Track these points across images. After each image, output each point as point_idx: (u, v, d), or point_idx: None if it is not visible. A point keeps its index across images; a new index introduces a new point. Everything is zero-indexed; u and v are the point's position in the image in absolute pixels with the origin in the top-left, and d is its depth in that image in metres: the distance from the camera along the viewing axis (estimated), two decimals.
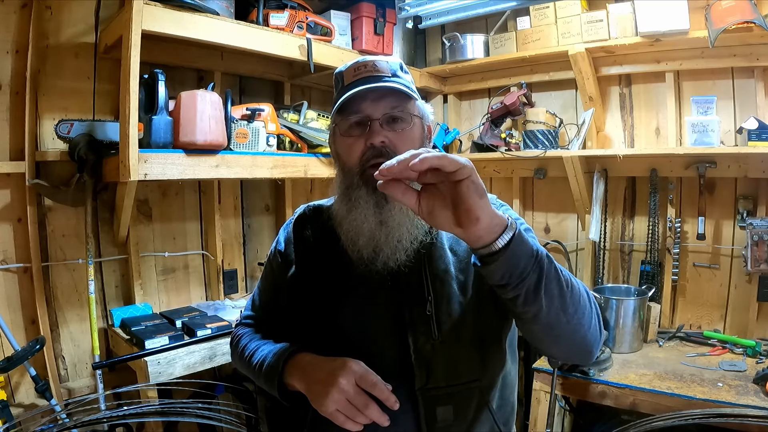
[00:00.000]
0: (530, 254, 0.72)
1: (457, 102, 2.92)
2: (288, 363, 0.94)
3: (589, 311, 0.82)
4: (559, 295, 0.75)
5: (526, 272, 0.71)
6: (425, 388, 0.89)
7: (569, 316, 0.77)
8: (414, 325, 0.91)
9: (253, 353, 1.03)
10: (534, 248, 0.73)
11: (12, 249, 1.85)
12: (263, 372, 0.98)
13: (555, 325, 0.78)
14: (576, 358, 0.91)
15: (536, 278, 0.72)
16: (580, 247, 2.51)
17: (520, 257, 0.70)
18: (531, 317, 0.76)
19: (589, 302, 0.83)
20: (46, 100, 1.89)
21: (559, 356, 0.96)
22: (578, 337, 0.81)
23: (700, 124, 2.02)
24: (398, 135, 0.92)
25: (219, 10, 1.86)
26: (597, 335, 0.84)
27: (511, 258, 0.70)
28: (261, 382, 1.00)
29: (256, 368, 1.00)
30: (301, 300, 1.00)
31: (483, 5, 2.32)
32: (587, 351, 0.85)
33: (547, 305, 0.74)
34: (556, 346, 0.85)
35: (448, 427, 0.90)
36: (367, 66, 0.95)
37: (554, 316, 0.76)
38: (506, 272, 0.71)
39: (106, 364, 1.86)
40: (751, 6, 1.78)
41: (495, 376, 0.96)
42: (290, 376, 0.93)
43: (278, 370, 0.93)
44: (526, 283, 0.71)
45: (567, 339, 0.81)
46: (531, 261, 0.72)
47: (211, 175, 1.85)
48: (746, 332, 2.04)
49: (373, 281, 0.93)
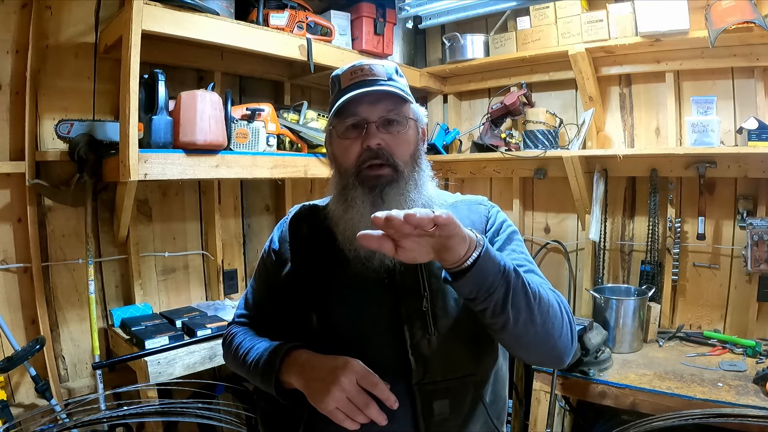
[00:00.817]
0: (497, 270, 0.77)
1: (457, 102, 2.92)
2: (285, 360, 0.93)
3: (560, 321, 0.87)
4: (527, 308, 0.80)
5: (494, 287, 0.76)
6: (422, 382, 0.91)
7: (537, 326, 0.83)
8: (411, 321, 0.92)
9: (248, 352, 1.02)
10: (501, 264, 0.78)
11: (12, 249, 1.85)
12: (259, 370, 0.97)
13: (523, 335, 0.83)
14: (547, 363, 0.98)
15: (503, 292, 0.77)
16: (580, 247, 2.51)
17: (487, 273, 0.76)
18: (499, 328, 0.82)
19: (560, 312, 0.88)
20: (46, 100, 1.89)
21: (531, 361, 1.03)
22: (548, 345, 0.87)
23: (700, 124, 2.02)
24: (394, 137, 0.95)
25: (219, 10, 1.86)
26: (568, 344, 0.90)
27: (478, 275, 0.75)
28: (257, 380, 0.99)
29: (251, 366, 0.99)
30: (298, 298, 1.00)
31: (483, 5, 2.32)
32: (558, 358, 0.91)
33: (514, 317, 0.79)
34: (526, 353, 0.91)
35: (444, 421, 0.91)
36: (364, 70, 0.97)
37: (522, 327, 0.81)
38: (474, 287, 0.76)
39: (106, 364, 1.86)
40: (751, 6, 1.78)
41: (488, 370, 0.99)
42: (287, 374, 0.92)
43: (275, 367, 0.93)
44: (494, 297, 0.77)
45: (537, 347, 0.87)
46: (498, 276, 0.77)
47: (211, 175, 1.85)
48: (746, 332, 2.04)
49: (369, 279, 0.94)
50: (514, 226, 1.05)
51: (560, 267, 2.59)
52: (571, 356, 0.94)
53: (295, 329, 1.00)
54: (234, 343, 1.09)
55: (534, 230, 2.69)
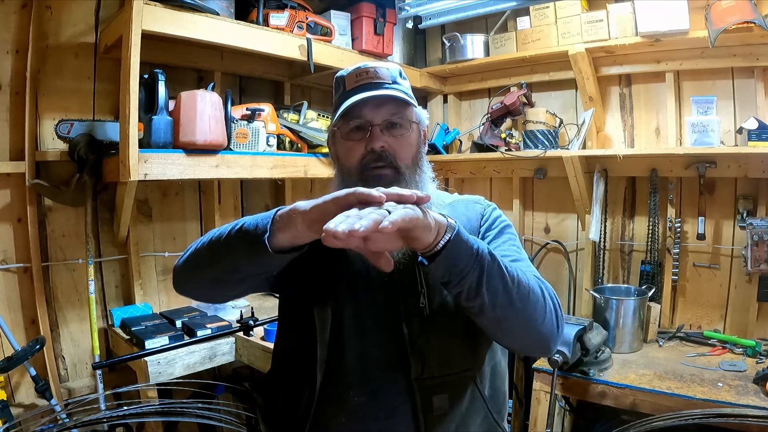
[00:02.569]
0: (469, 254, 0.77)
1: (457, 102, 2.92)
2: (278, 213, 0.82)
3: (542, 306, 0.87)
4: (504, 291, 0.80)
5: (466, 270, 0.77)
6: (420, 377, 0.92)
7: (517, 310, 0.83)
8: (409, 317, 0.94)
9: (227, 228, 0.90)
10: (474, 248, 0.78)
11: (12, 249, 1.85)
12: (243, 231, 0.84)
13: (502, 319, 0.84)
14: (533, 350, 0.97)
15: (477, 275, 0.77)
16: (580, 247, 2.51)
17: (458, 257, 0.76)
18: (477, 311, 0.82)
19: (543, 298, 0.87)
20: (46, 100, 1.89)
21: (517, 349, 1.01)
22: (532, 331, 0.87)
23: (700, 124, 2.02)
24: (397, 140, 0.97)
25: (219, 10, 1.86)
26: (553, 329, 0.89)
27: (449, 258, 0.75)
28: (241, 245, 0.84)
29: (233, 233, 0.87)
30: (299, 294, 1.01)
31: (483, 5, 2.32)
32: (544, 344, 0.91)
33: (490, 300, 0.79)
34: (510, 339, 0.92)
35: (443, 416, 0.92)
36: (369, 72, 0.98)
37: (500, 311, 0.81)
38: (446, 271, 0.77)
39: (106, 364, 1.86)
40: (751, 6, 1.78)
41: (486, 365, 1.00)
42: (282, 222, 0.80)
43: (270, 217, 0.82)
44: (467, 280, 0.77)
45: (519, 332, 0.88)
46: (471, 260, 0.77)
47: (211, 175, 1.85)
48: (746, 332, 2.04)
49: (369, 277, 0.96)
50: (509, 222, 1.07)
51: (560, 267, 2.59)
52: (558, 343, 0.94)
53: (297, 323, 1.01)
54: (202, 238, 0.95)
55: (534, 230, 2.69)
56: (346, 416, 0.93)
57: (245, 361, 1.96)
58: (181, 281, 1.00)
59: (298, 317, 1.00)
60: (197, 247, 0.95)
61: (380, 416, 0.92)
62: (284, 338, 1.08)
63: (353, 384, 0.93)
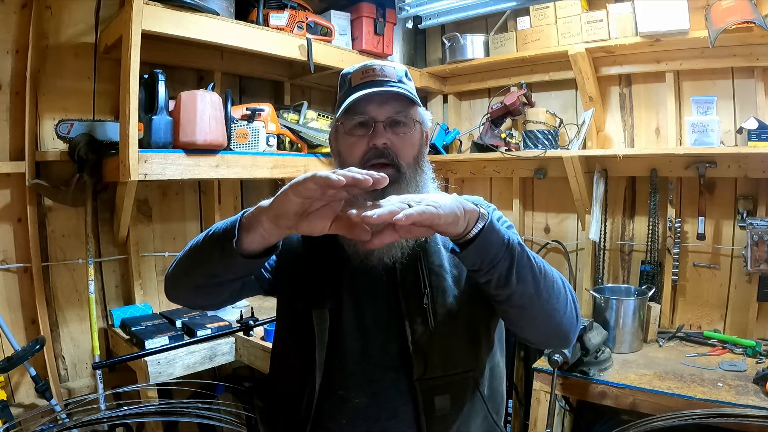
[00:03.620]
0: (501, 242, 0.78)
1: (457, 102, 2.92)
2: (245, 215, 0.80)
3: (564, 297, 0.88)
4: (532, 280, 0.82)
5: (497, 259, 0.78)
6: (423, 378, 0.92)
7: (543, 300, 0.84)
8: (411, 317, 0.93)
9: (203, 234, 0.89)
10: (506, 237, 0.79)
11: (12, 249, 1.85)
12: (214, 236, 0.83)
13: (528, 307, 0.84)
14: (553, 341, 0.97)
15: (508, 264, 0.79)
16: (580, 247, 2.51)
17: (490, 245, 0.77)
18: (504, 299, 0.83)
19: (564, 289, 0.89)
20: (46, 100, 1.89)
21: (537, 340, 1.00)
22: (554, 321, 0.88)
23: (700, 124, 2.02)
24: (400, 138, 0.96)
25: (219, 10, 1.86)
26: (573, 321, 0.91)
27: (482, 246, 0.77)
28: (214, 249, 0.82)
29: (206, 238, 0.86)
30: (296, 296, 1.00)
31: (483, 5, 2.32)
32: (564, 335, 0.92)
33: (519, 289, 0.81)
34: (532, 329, 0.92)
35: (445, 416, 0.92)
36: (375, 70, 0.98)
37: (527, 300, 0.83)
38: (477, 259, 0.78)
39: (106, 364, 1.86)
40: (751, 6, 1.78)
41: (486, 366, 1.00)
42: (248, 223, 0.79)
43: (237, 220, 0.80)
44: (497, 269, 0.79)
45: (542, 322, 0.88)
46: (502, 249, 0.78)
47: (211, 175, 1.85)
48: (746, 332, 2.04)
49: (369, 276, 0.95)
50: (510, 222, 1.07)
51: (560, 267, 2.59)
52: (576, 335, 0.95)
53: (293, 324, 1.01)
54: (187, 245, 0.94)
55: (534, 230, 2.69)
56: (346, 418, 0.92)
57: (245, 361, 1.96)
58: (169, 290, 0.99)
59: (296, 319, 0.99)
60: (181, 255, 0.93)
61: (381, 417, 0.92)
62: (282, 340, 1.07)
63: (354, 385, 0.93)
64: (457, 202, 0.75)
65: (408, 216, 0.67)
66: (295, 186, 0.69)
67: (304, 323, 0.96)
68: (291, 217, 0.71)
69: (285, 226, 0.74)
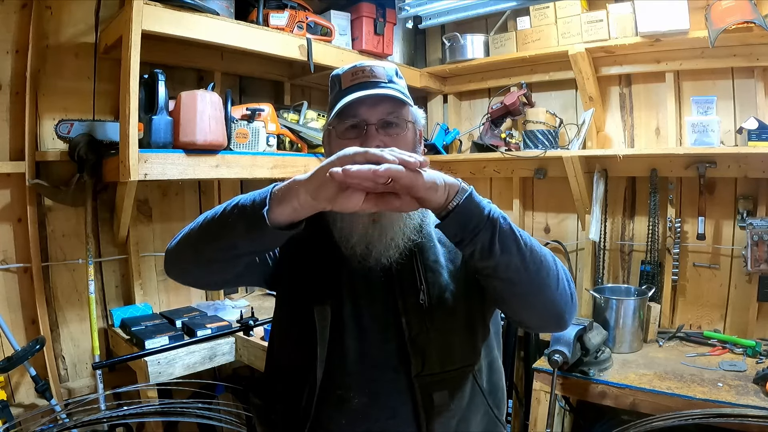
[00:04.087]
0: (481, 213, 0.79)
1: (457, 102, 2.92)
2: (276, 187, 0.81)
3: (555, 273, 0.87)
4: (518, 252, 0.81)
5: (478, 228, 0.78)
6: (421, 374, 0.92)
7: (531, 273, 0.83)
8: (408, 314, 0.93)
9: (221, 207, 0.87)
10: (487, 209, 0.80)
11: (12, 249, 1.85)
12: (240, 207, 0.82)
13: (517, 282, 0.84)
14: (548, 322, 0.95)
15: (489, 234, 0.79)
16: (580, 247, 2.51)
17: (471, 214, 0.78)
18: (491, 271, 0.83)
19: (555, 266, 0.88)
20: (46, 100, 1.89)
21: (532, 322, 1.00)
22: (545, 296, 0.87)
23: (700, 124, 2.02)
24: (393, 139, 0.96)
25: (219, 10, 1.86)
26: (567, 298, 0.89)
27: (462, 215, 0.78)
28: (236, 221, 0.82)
29: (228, 210, 0.84)
30: (297, 291, 1.00)
31: (483, 5, 2.32)
32: (558, 314, 0.90)
33: (504, 260, 0.81)
34: (524, 307, 0.91)
35: (444, 412, 0.92)
36: (365, 71, 0.97)
37: (513, 272, 0.82)
38: (459, 228, 0.78)
39: (106, 364, 1.86)
40: (751, 6, 1.78)
41: (483, 360, 1.00)
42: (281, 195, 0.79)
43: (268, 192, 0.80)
44: (479, 238, 0.79)
45: (534, 299, 0.87)
46: (483, 219, 0.79)
47: (211, 175, 1.85)
48: (746, 332, 2.04)
49: (366, 276, 0.96)
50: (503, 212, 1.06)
51: None
52: (573, 315, 0.93)
53: (294, 322, 1.00)
54: (199, 217, 0.92)
55: (534, 230, 2.69)
56: (346, 418, 0.92)
57: (245, 361, 1.96)
58: (173, 264, 0.98)
59: (297, 315, 0.99)
60: (190, 228, 0.92)
61: (381, 417, 0.91)
62: (281, 337, 1.07)
63: (353, 385, 0.93)
64: (439, 174, 0.77)
65: (387, 169, 0.70)
66: (342, 157, 0.73)
67: (305, 319, 0.96)
68: (331, 190, 0.73)
69: (324, 199, 0.75)
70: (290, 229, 0.81)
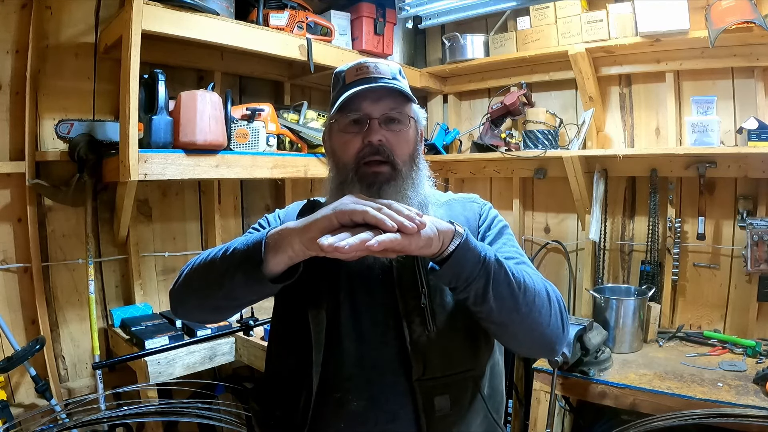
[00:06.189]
0: (476, 260, 0.79)
1: (457, 102, 2.92)
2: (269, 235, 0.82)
3: (548, 310, 0.88)
4: (510, 297, 0.82)
5: (472, 277, 0.79)
6: (422, 379, 0.91)
7: (523, 315, 0.84)
8: (409, 318, 0.93)
9: (219, 254, 0.89)
10: (482, 255, 0.80)
11: (12, 249, 1.85)
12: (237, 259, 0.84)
13: (509, 324, 0.86)
14: (538, 353, 0.99)
15: (483, 282, 0.80)
16: (580, 247, 2.51)
17: (464, 264, 0.79)
18: (484, 316, 0.85)
19: (548, 301, 0.89)
20: (46, 100, 1.89)
21: (522, 352, 1.04)
22: (536, 334, 0.88)
23: (700, 124, 2.02)
24: (395, 135, 0.95)
25: (219, 10, 1.86)
26: (559, 332, 0.91)
27: (455, 265, 0.78)
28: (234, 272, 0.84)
29: (225, 258, 0.87)
30: (293, 296, 0.99)
31: (483, 5, 2.32)
32: (549, 347, 0.92)
33: (497, 306, 0.82)
34: (515, 342, 0.93)
35: (445, 417, 0.91)
36: (369, 67, 0.97)
37: (506, 316, 0.84)
38: (453, 277, 0.80)
39: (106, 364, 1.86)
40: (751, 6, 1.78)
41: (485, 365, 0.99)
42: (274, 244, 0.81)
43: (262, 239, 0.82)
44: (473, 286, 0.80)
45: (524, 336, 0.89)
46: (477, 267, 0.79)
47: (211, 175, 1.85)
48: (746, 332, 2.04)
49: (365, 276, 0.95)
50: (505, 222, 1.07)
51: (560, 267, 2.59)
52: (563, 345, 0.95)
53: (292, 323, 0.99)
54: (197, 259, 0.94)
55: (534, 230, 2.69)
56: (345, 422, 0.91)
57: (245, 361, 1.96)
58: (179, 308, 1.00)
59: (293, 319, 0.98)
60: (190, 273, 0.94)
61: (381, 420, 0.90)
62: (278, 343, 1.06)
63: (352, 388, 0.91)
64: (431, 223, 0.76)
65: (381, 242, 0.70)
66: (341, 213, 0.74)
67: (300, 324, 0.95)
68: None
69: (318, 249, 0.75)
70: (289, 277, 0.84)
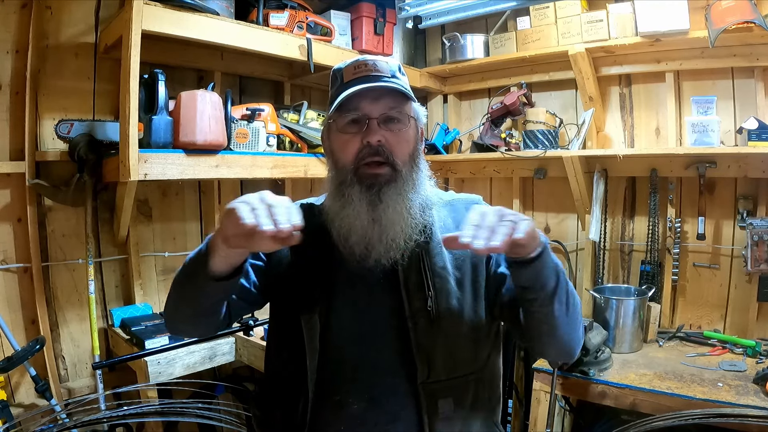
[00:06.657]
0: (553, 265, 0.86)
1: (457, 102, 2.92)
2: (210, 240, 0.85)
3: (579, 318, 0.96)
4: (566, 302, 0.89)
5: (549, 279, 0.85)
6: (427, 381, 0.90)
7: (568, 319, 0.91)
8: (415, 319, 0.92)
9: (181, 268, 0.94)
10: (554, 262, 0.87)
11: (12, 249, 1.85)
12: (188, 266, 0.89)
13: (556, 326, 0.90)
14: (562, 355, 1.03)
15: (554, 286, 0.86)
16: (580, 247, 2.51)
17: (545, 267, 0.84)
18: (542, 316, 0.89)
19: (579, 309, 0.97)
20: (46, 100, 1.89)
21: (548, 353, 1.12)
22: (569, 338, 0.95)
23: (700, 124, 2.01)
24: (395, 135, 0.94)
25: (219, 10, 1.86)
26: (581, 338, 1.00)
27: (540, 267, 0.83)
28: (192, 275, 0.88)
29: (183, 270, 0.92)
30: (286, 302, 0.99)
31: (483, 5, 2.32)
32: (572, 350, 0.99)
33: (557, 309, 0.87)
34: (549, 343, 0.97)
35: (448, 419, 0.91)
36: (368, 65, 0.95)
37: (558, 318, 0.89)
38: (532, 278, 0.84)
39: (106, 364, 1.86)
40: (751, 6, 1.78)
41: (486, 368, 0.99)
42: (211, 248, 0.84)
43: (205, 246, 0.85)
44: (546, 289, 0.85)
45: (560, 338, 0.93)
46: (553, 271, 0.85)
47: (211, 175, 1.85)
48: (746, 332, 2.04)
49: (366, 278, 0.94)
50: None
51: None
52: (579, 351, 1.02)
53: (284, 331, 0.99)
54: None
55: None
56: (345, 423, 0.91)
57: (245, 361, 1.96)
58: (169, 325, 1.03)
59: (287, 325, 0.97)
60: (170, 290, 0.97)
61: (381, 421, 0.90)
62: (274, 346, 1.05)
63: (352, 390, 0.91)
64: (532, 224, 0.80)
65: (504, 242, 0.74)
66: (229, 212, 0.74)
67: (294, 330, 0.94)
68: (241, 238, 0.74)
69: (236, 246, 0.76)
70: (236, 274, 0.86)
